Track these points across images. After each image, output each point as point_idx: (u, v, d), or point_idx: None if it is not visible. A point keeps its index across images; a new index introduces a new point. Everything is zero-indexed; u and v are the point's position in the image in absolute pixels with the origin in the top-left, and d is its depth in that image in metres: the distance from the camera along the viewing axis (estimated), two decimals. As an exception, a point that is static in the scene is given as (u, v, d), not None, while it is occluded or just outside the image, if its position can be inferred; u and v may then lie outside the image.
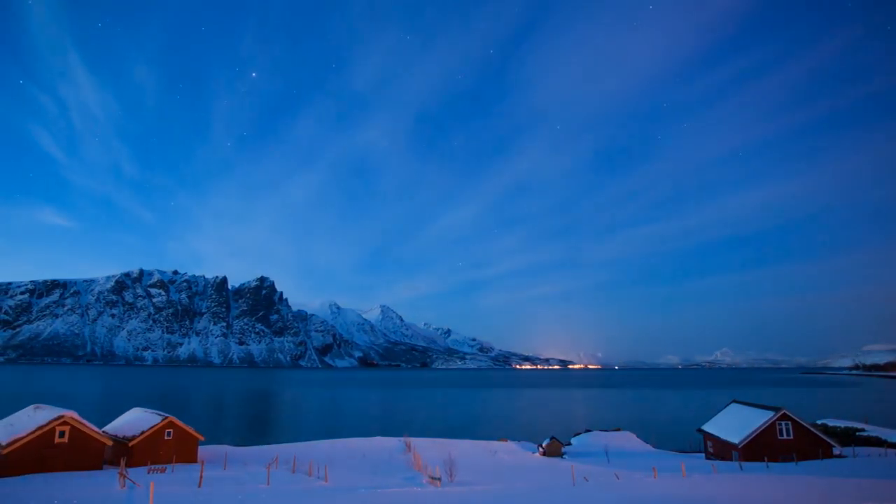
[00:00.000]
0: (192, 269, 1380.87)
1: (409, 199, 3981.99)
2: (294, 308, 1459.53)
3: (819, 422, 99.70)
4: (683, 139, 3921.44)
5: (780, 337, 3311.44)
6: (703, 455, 79.17)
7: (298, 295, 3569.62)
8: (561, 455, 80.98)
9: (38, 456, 51.40)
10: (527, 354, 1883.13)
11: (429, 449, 79.84)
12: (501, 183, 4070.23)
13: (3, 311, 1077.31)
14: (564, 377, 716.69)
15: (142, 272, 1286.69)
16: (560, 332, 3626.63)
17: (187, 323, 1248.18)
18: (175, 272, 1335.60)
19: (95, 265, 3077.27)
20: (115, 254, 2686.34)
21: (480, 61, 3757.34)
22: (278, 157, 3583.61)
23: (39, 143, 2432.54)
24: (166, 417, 63.98)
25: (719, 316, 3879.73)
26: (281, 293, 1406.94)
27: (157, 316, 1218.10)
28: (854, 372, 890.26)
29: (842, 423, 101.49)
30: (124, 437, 61.33)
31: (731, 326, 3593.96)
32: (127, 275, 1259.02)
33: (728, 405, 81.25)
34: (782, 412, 68.04)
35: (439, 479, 55.42)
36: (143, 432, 61.37)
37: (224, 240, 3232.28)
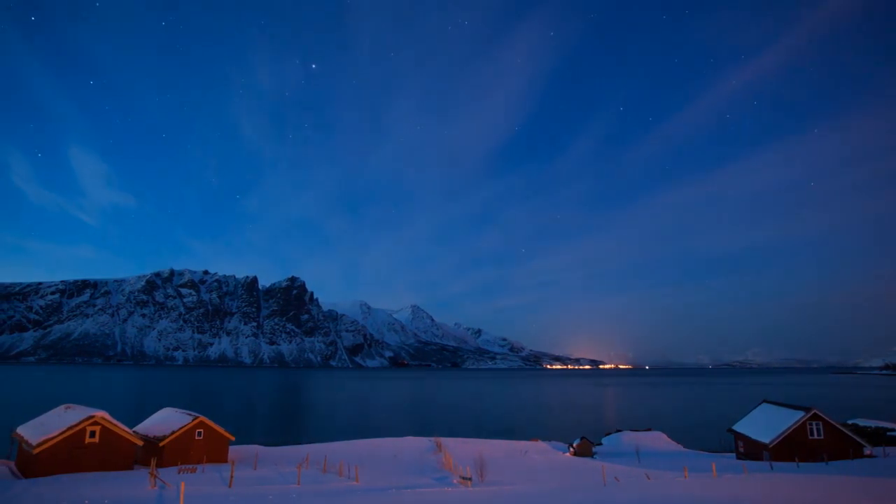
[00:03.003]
0: (222, 270, 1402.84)
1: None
2: (325, 308, 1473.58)
3: (849, 422, 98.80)
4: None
5: (810, 337, 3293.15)
6: (734, 455, 79.43)
7: (329, 295, 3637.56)
8: (591, 455, 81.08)
9: (68, 456, 52.25)
10: (557, 354, 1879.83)
11: (459, 449, 79.61)
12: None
13: (33, 311, 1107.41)
14: (595, 377, 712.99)
15: (172, 272, 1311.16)
16: (590, 332, 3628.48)
17: (218, 323, 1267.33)
18: (205, 272, 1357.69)
19: (126, 268, 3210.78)
20: (145, 257, 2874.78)
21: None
22: (306, 159, 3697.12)
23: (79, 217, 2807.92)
24: (197, 417, 64.68)
25: (749, 316, 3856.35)
26: (311, 293, 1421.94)
27: (187, 316, 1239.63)
28: (885, 372, 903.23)
29: (872, 423, 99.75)
30: (155, 437, 62.18)
31: (761, 326, 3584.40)
32: (157, 275, 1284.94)
33: (759, 405, 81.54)
34: (813, 412, 68.57)
35: (470, 479, 55.27)
36: (173, 432, 62.12)
37: (253, 240, 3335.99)
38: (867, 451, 68.06)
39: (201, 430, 64.36)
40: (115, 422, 56.18)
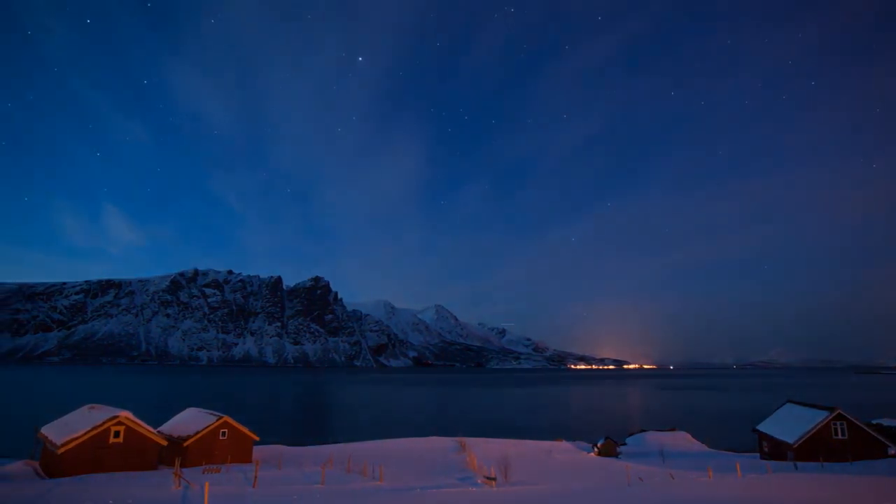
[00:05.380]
0: (246, 270, 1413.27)
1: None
2: (349, 308, 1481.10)
3: (874, 421, 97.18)
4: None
5: (834, 337, 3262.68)
6: (759, 455, 79.41)
7: (353, 295, 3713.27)
8: (616, 455, 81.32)
9: (92, 456, 52.91)
10: (582, 354, 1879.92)
11: (483, 449, 79.71)
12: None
13: (57, 311, 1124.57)
14: (620, 377, 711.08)
15: (196, 272, 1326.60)
16: (615, 332, 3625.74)
17: (242, 323, 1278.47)
18: (230, 272, 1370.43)
19: (151, 269, 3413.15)
20: (170, 258, 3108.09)
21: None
22: (326, 163, 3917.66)
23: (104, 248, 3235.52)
24: (221, 417, 65.16)
25: (773, 317, 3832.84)
26: (336, 293, 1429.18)
27: (211, 316, 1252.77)
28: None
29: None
30: (179, 437, 62.77)
31: (785, 327, 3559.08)
32: (181, 274, 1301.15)
33: (783, 405, 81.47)
34: (837, 412, 68.74)
35: (494, 478, 55.02)
36: (197, 432, 62.68)
37: (278, 240, 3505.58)
38: (891, 451, 68.49)
39: (225, 430, 64.83)
40: (139, 422, 56.78)
